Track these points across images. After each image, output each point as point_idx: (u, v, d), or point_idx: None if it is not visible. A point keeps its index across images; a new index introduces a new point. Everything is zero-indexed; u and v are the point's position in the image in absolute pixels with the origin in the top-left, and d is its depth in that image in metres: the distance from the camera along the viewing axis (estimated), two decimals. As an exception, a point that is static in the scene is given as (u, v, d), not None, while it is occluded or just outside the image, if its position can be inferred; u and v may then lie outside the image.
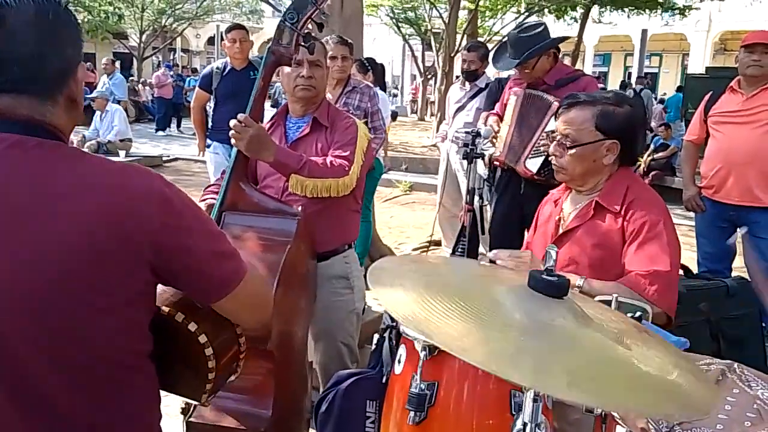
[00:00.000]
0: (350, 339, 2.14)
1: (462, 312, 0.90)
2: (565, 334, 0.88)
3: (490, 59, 4.55)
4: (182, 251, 0.96)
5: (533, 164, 2.79)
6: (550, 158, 1.83)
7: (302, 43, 1.82)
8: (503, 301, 0.94)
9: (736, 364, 1.37)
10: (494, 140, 2.96)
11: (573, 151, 1.71)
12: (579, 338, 0.89)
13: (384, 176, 4.87)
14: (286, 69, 1.97)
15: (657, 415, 1.04)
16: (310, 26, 1.85)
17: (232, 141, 1.83)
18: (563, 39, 3.17)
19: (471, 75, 4.28)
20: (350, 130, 2.00)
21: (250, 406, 1.71)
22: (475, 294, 0.99)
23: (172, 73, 14.66)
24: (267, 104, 2.19)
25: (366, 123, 3.32)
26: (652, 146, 8.96)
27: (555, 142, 1.76)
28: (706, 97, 3.24)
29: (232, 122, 1.81)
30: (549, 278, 0.88)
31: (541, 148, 2.77)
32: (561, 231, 1.77)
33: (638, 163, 8.58)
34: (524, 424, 0.90)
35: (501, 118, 3.09)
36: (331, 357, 2.12)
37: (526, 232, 2.41)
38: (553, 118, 2.72)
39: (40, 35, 0.90)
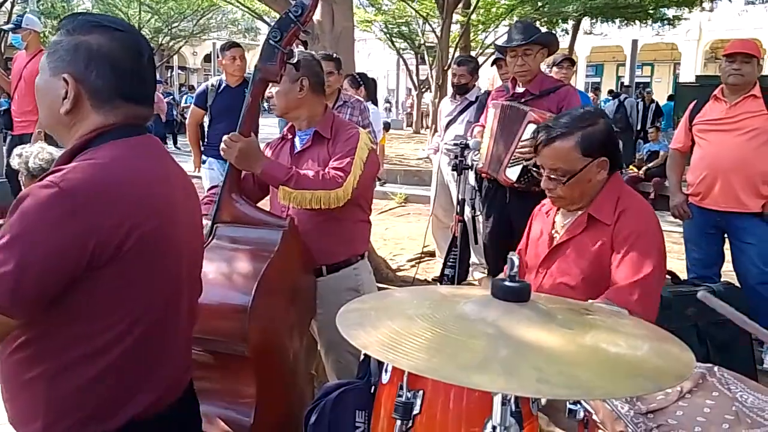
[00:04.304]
0: (358, 350, 2.15)
1: (429, 334, 0.93)
2: (532, 334, 0.90)
3: (479, 72, 4.64)
4: None
5: (512, 173, 2.83)
6: (527, 166, 1.84)
7: (287, 61, 1.85)
8: (469, 314, 0.97)
9: (716, 368, 1.40)
10: (479, 151, 3.00)
11: (569, 182, 1.71)
12: (545, 336, 0.91)
13: (379, 188, 4.92)
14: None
15: (631, 394, 1.07)
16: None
17: (222, 154, 1.90)
18: (558, 45, 3.20)
19: (461, 88, 4.34)
20: (350, 141, 2.01)
21: (233, 412, 1.72)
22: (441, 314, 1.01)
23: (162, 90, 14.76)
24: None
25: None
26: (644, 154, 9.06)
27: (545, 178, 1.75)
28: (691, 106, 3.28)
29: (224, 137, 1.89)
30: (509, 284, 0.90)
31: (520, 157, 2.79)
32: (555, 244, 1.79)
33: (632, 171, 8.65)
34: (494, 428, 0.92)
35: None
36: (340, 367, 2.14)
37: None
38: (528, 126, 2.75)
39: (154, 63, 1.25)
